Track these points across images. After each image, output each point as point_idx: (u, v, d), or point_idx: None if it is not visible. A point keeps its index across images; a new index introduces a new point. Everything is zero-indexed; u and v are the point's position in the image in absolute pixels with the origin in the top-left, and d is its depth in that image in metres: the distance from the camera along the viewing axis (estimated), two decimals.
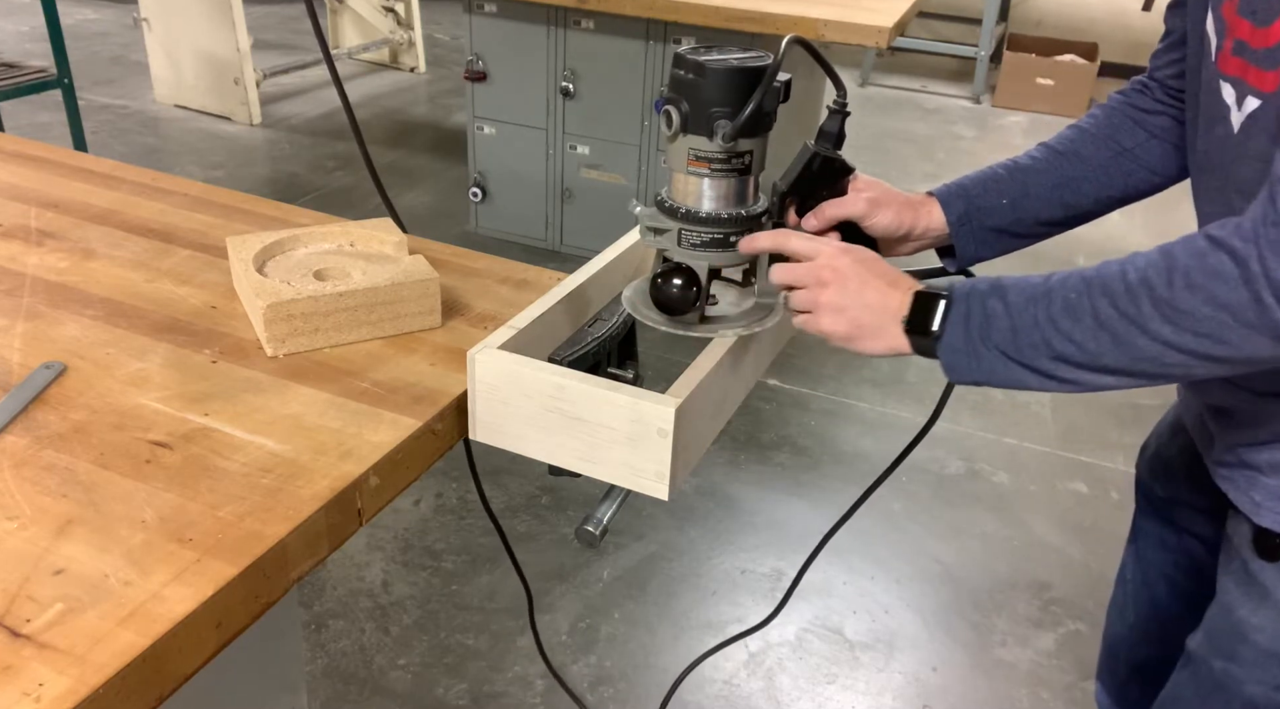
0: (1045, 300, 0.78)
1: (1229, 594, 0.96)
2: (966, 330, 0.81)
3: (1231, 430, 0.95)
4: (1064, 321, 0.77)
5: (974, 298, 0.82)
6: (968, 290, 0.83)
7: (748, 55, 0.88)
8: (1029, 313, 0.79)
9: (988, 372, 0.82)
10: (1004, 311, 0.80)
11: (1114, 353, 0.76)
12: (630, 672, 1.99)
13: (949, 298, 0.83)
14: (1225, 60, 0.84)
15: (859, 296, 0.86)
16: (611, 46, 3.25)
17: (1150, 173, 1.07)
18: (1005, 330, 0.80)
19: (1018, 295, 0.80)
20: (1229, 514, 0.98)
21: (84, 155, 1.45)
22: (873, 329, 0.86)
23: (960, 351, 0.82)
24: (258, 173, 4.28)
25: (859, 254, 0.89)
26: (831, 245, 0.89)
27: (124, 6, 6.22)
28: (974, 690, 2.00)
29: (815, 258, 0.88)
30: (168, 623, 0.67)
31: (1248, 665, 0.93)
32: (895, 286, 0.86)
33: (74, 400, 0.90)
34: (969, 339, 0.81)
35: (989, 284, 0.82)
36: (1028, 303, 0.79)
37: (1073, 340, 0.77)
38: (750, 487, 2.53)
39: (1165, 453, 1.19)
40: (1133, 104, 1.08)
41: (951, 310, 0.82)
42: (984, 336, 0.81)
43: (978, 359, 0.81)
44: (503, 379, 0.90)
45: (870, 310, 0.86)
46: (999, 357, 0.80)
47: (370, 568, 2.21)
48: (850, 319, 0.86)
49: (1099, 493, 2.59)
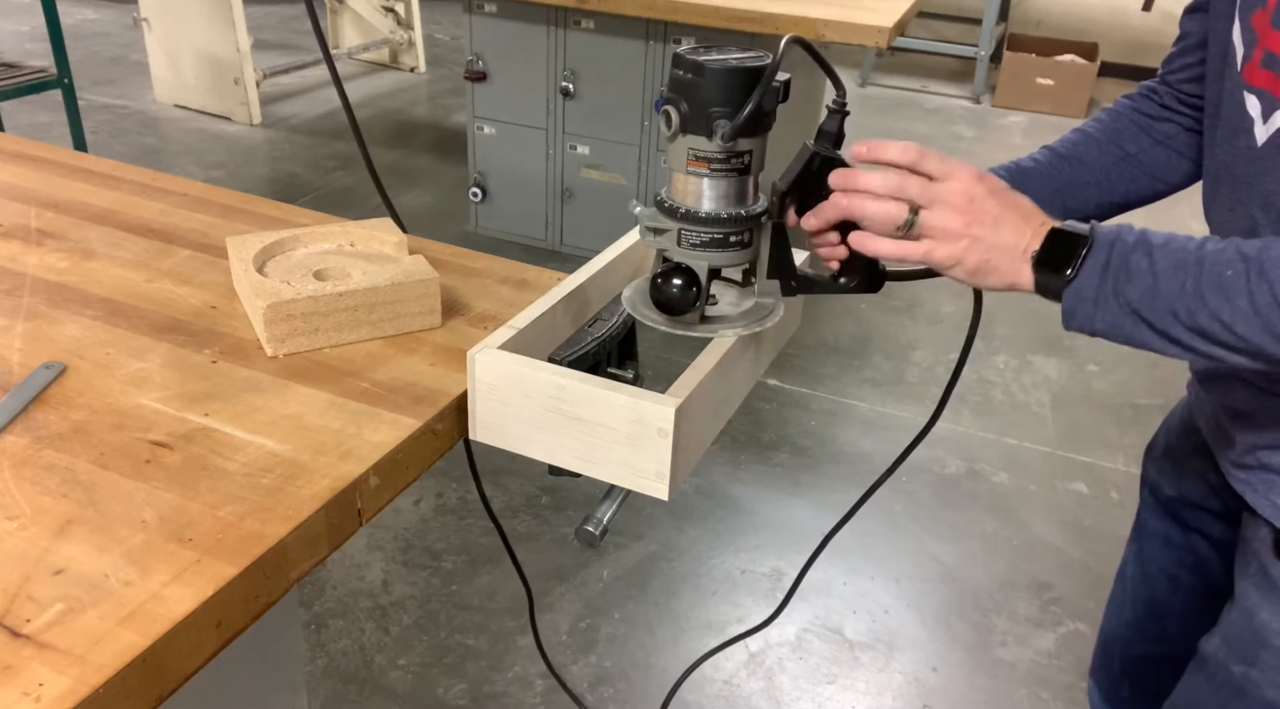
0: (1197, 269, 0.75)
1: (1249, 598, 0.95)
2: (1102, 280, 0.78)
3: (1251, 433, 0.94)
4: (1213, 297, 0.74)
5: (1118, 247, 0.78)
6: (1112, 238, 0.79)
7: (747, 55, 0.88)
8: (1176, 278, 0.75)
9: (1111, 324, 0.79)
10: (1148, 270, 0.76)
11: (1262, 338, 0.74)
12: (630, 672, 1.99)
13: (1090, 241, 0.79)
14: (1253, 71, 0.83)
15: (994, 228, 0.81)
16: (611, 46, 3.25)
17: (1153, 179, 1.06)
18: (1146, 290, 0.76)
19: (1165, 256, 0.76)
20: (1244, 517, 0.97)
21: (84, 155, 1.45)
22: (998, 266, 0.82)
23: (1088, 300, 0.79)
24: (258, 173, 4.28)
25: (992, 181, 0.84)
26: (965, 168, 0.83)
27: (124, 6, 6.22)
28: (974, 690, 2.00)
29: (950, 180, 0.83)
30: (168, 623, 0.67)
31: (1269, 670, 0.92)
32: (1028, 221, 0.82)
33: (74, 400, 0.90)
34: (1101, 289, 0.78)
35: (1135, 236, 0.78)
36: (1176, 268, 0.76)
37: (1219, 318, 0.74)
38: (750, 487, 2.53)
39: (1176, 453, 1.18)
40: (1139, 109, 1.07)
41: (1090, 255, 0.78)
42: (1118, 291, 0.77)
43: (1105, 310, 0.78)
44: (503, 379, 0.90)
45: (1001, 248, 0.81)
46: (1130, 314, 0.77)
47: (370, 568, 2.21)
48: (980, 255, 0.82)
49: (1099, 493, 2.59)
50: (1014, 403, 2.95)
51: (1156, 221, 0.80)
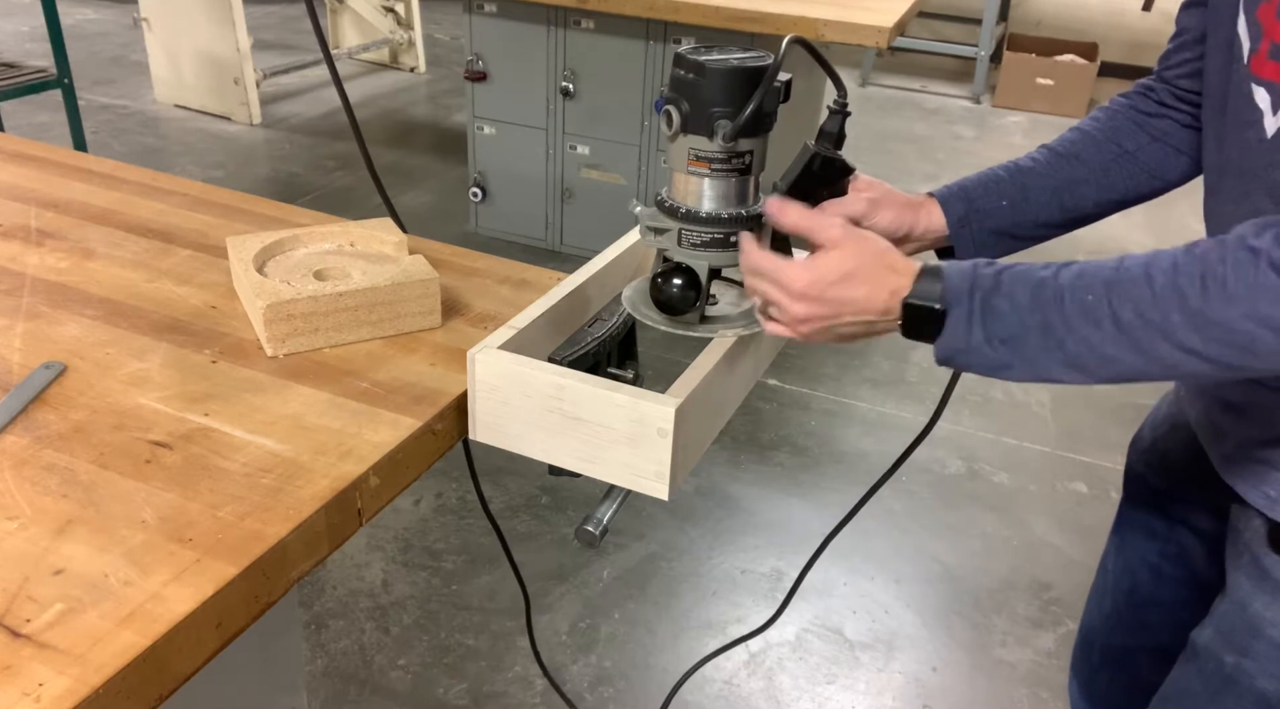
0: (1057, 302, 0.76)
1: (1241, 589, 0.95)
2: (969, 332, 0.79)
3: (1244, 426, 0.95)
4: (1080, 325, 0.75)
5: (978, 296, 0.79)
6: (969, 285, 0.80)
7: (748, 55, 0.88)
8: (1038, 315, 0.77)
9: (987, 366, 0.80)
10: (1010, 310, 0.78)
11: (1132, 358, 0.75)
12: (630, 672, 1.99)
13: (945, 305, 0.80)
14: (1261, 64, 0.83)
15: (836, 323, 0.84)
16: (611, 46, 3.25)
17: (1151, 176, 1.06)
18: (1014, 329, 0.77)
19: (1024, 293, 0.77)
20: (1235, 509, 0.97)
21: (84, 155, 1.45)
22: (859, 336, 0.85)
23: (960, 350, 0.80)
24: (258, 173, 4.28)
25: (822, 274, 0.83)
26: (794, 274, 0.84)
27: (124, 6, 6.22)
28: (974, 690, 2.00)
29: (781, 289, 0.85)
30: (168, 623, 0.67)
31: (1261, 660, 0.93)
32: (875, 294, 0.82)
33: (74, 400, 0.90)
34: (970, 340, 0.80)
35: (990, 279, 0.79)
36: (1036, 304, 0.77)
37: (1089, 344, 0.75)
38: (750, 487, 2.53)
39: (1163, 445, 1.18)
40: (1136, 107, 1.07)
41: (951, 313, 0.80)
42: (988, 337, 0.79)
43: (979, 356, 0.80)
44: (503, 379, 0.90)
45: (857, 325, 0.84)
46: (1003, 353, 0.79)
47: (370, 568, 2.21)
48: (835, 336, 0.85)
49: (1099, 493, 2.59)
50: (1014, 403, 2.96)
51: (1157, 221, 0.80)
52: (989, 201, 1.04)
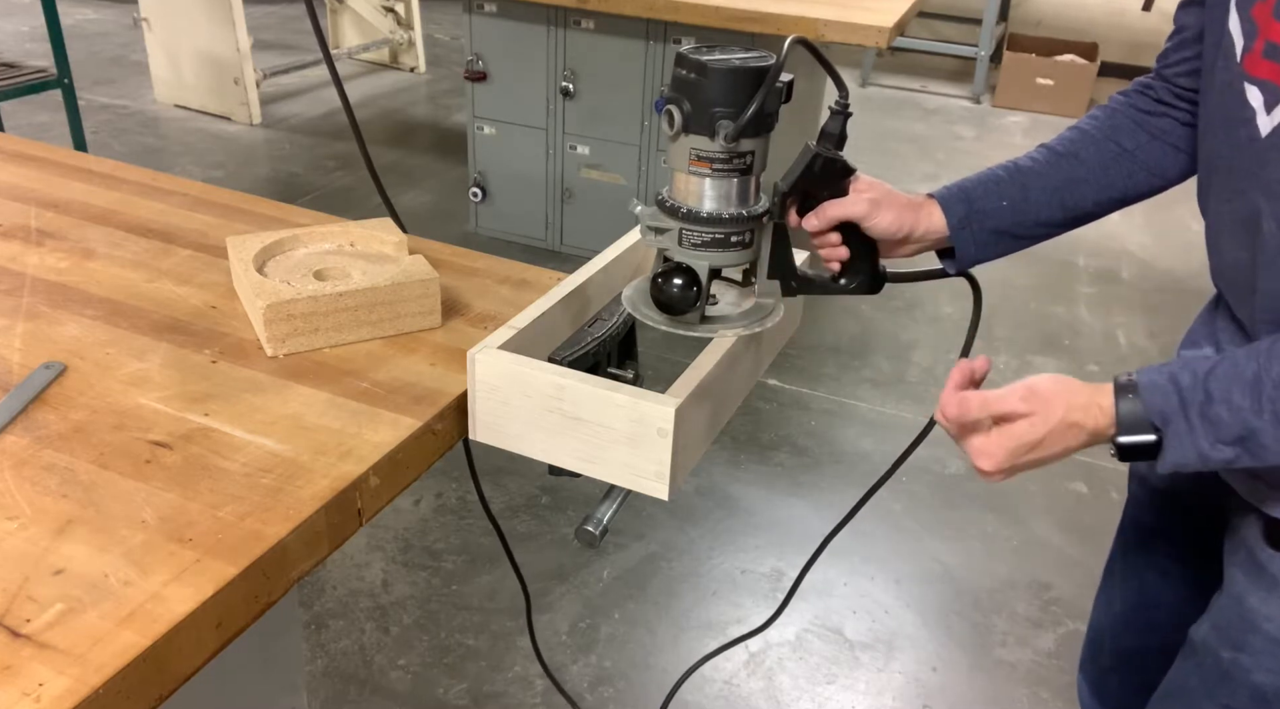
0: (1255, 391, 0.78)
1: (1237, 584, 0.96)
2: (1194, 444, 0.81)
3: None
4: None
5: (1190, 412, 0.81)
6: (1177, 405, 0.81)
7: (750, 55, 0.88)
8: (1267, 413, 0.78)
9: (1225, 463, 0.82)
10: (1231, 416, 0.79)
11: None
12: (630, 672, 1.99)
13: (1159, 432, 0.82)
14: (1254, 63, 0.84)
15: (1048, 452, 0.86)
16: (611, 46, 3.25)
17: (1150, 174, 1.06)
18: (1241, 432, 0.79)
19: (1242, 396, 0.79)
20: (1233, 505, 0.98)
21: (84, 155, 1.45)
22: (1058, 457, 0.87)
23: (1190, 461, 0.82)
24: (258, 173, 4.28)
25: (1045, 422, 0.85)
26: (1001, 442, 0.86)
27: (124, 6, 6.22)
28: (974, 690, 2.00)
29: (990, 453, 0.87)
30: (168, 623, 0.67)
31: (1257, 654, 0.94)
32: (1075, 441, 0.85)
33: (74, 400, 0.90)
34: (1197, 450, 0.81)
35: (1200, 392, 0.80)
36: (1258, 403, 0.78)
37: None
38: (750, 487, 2.53)
39: None
40: (1134, 105, 1.07)
41: (1167, 435, 0.81)
42: (1215, 443, 0.80)
43: (1212, 462, 0.82)
44: (503, 379, 0.90)
45: (1065, 452, 0.86)
46: (1236, 451, 0.80)
47: (370, 568, 2.21)
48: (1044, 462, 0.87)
49: (1099, 493, 2.59)
50: None
51: (1157, 221, 0.80)
52: (989, 202, 1.04)
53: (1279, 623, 0.92)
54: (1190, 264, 3.77)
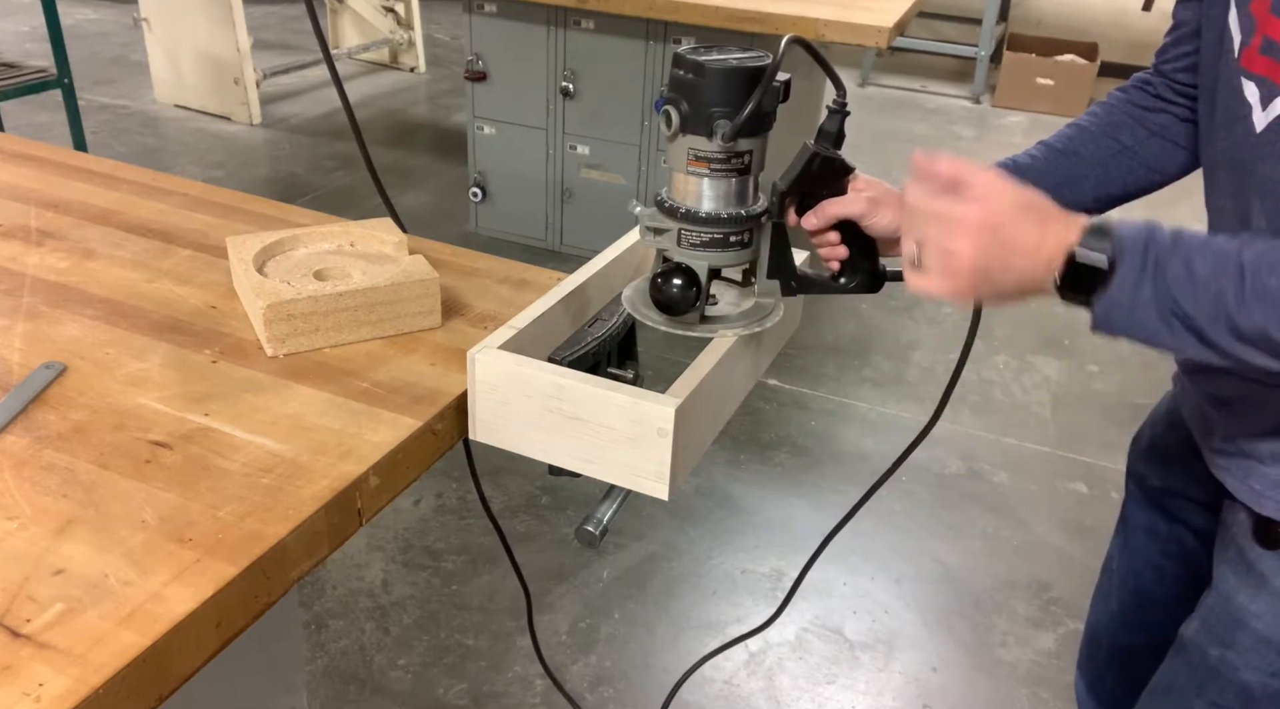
0: (1238, 277, 0.72)
1: (1226, 582, 0.96)
2: (1137, 288, 0.74)
3: (1233, 420, 0.95)
4: (1257, 307, 0.71)
5: (1151, 253, 0.74)
6: (1143, 242, 0.74)
7: (747, 55, 0.88)
8: (1214, 286, 0.72)
9: (1146, 331, 0.75)
10: (1186, 277, 0.73)
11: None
12: (630, 672, 1.99)
13: (1115, 255, 0.74)
14: (1251, 58, 0.83)
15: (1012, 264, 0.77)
16: (611, 46, 3.25)
17: (1150, 170, 1.06)
18: (1184, 297, 0.73)
19: (1203, 263, 0.73)
20: (1225, 503, 0.98)
21: (84, 155, 1.45)
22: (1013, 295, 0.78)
23: (1122, 306, 0.75)
24: (258, 173, 4.28)
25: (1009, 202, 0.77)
26: (996, 193, 0.78)
27: (124, 6, 6.22)
28: (974, 690, 2.00)
29: (969, 204, 0.78)
30: (168, 623, 0.67)
31: (1245, 652, 0.94)
32: (1047, 237, 0.76)
33: (74, 400, 0.90)
34: (1137, 296, 0.74)
35: (1168, 239, 0.74)
36: (1215, 276, 0.72)
37: (1261, 328, 0.71)
38: (750, 487, 2.53)
39: (1161, 442, 1.19)
40: (1133, 101, 1.07)
41: (1121, 263, 0.74)
42: (1156, 296, 0.74)
43: (1139, 316, 0.75)
44: (503, 379, 0.90)
45: (1015, 279, 0.77)
46: (1164, 320, 0.74)
47: (370, 568, 2.21)
48: (989, 292, 0.78)
49: (1099, 493, 2.59)
50: (1014, 403, 2.95)
51: (1158, 218, 0.79)
52: None
53: (1267, 621, 0.92)
54: None
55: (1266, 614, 0.92)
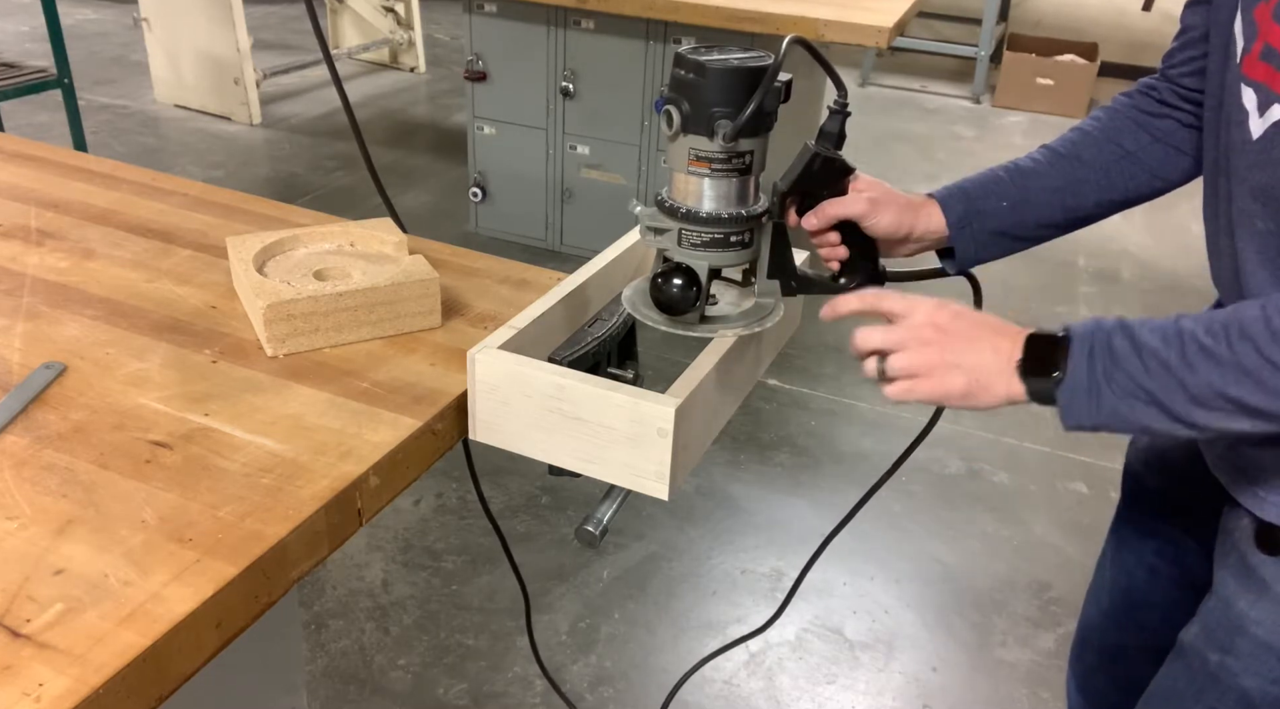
0: (1178, 342, 0.76)
1: (1227, 587, 0.96)
2: (1090, 369, 0.79)
3: None
4: (1202, 365, 0.75)
5: (1098, 335, 0.79)
6: (1091, 328, 0.80)
7: (748, 55, 0.88)
8: (1160, 354, 0.77)
9: (1109, 413, 0.79)
10: (1132, 350, 0.78)
11: (1256, 397, 0.75)
12: (630, 672, 1.99)
13: (1068, 336, 0.80)
14: (1251, 64, 0.83)
15: (970, 351, 0.83)
16: (611, 46, 3.25)
17: (1152, 176, 1.06)
18: (1135, 370, 0.77)
19: (1147, 335, 0.78)
20: (1225, 508, 0.98)
21: (84, 155, 1.45)
22: (988, 382, 0.84)
23: (1081, 390, 0.79)
24: (258, 173, 4.28)
25: (955, 307, 0.86)
26: (926, 301, 0.85)
27: (124, 6, 6.22)
28: (974, 690, 2.00)
29: (912, 316, 0.85)
30: (168, 623, 0.67)
31: (1245, 658, 0.94)
32: (1003, 334, 0.84)
33: (74, 400, 0.90)
34: (1092, 378, 0.79)
35: (1112, 323, 0.80)
36: (1158, 344, 0.77)
37: (1211, 385, 0.75)
38: (750, 487, 2.53)
39: (1160, 445, 1.19)
40: (1137, 106, 1.07)
41: (1073, 347, 0.80)
42: (1109, 377, 0.78)
43: (1100, 400, 0.79)
44: (503, 379, 0.90)
45: (984, 363, 0.83)
46: (1125, 398, 0.78)
47: (370, 568, 2.21)
48: (966, 377, 0.84)
49: (1099, 493, 2.59)
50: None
51: (1158, 223, 0.80)
52: (989, 202, 1.04)
53: (1267, 627, 0.92)
54: (1190, 264, 3.77)
55: (1267, 620, 0.92)
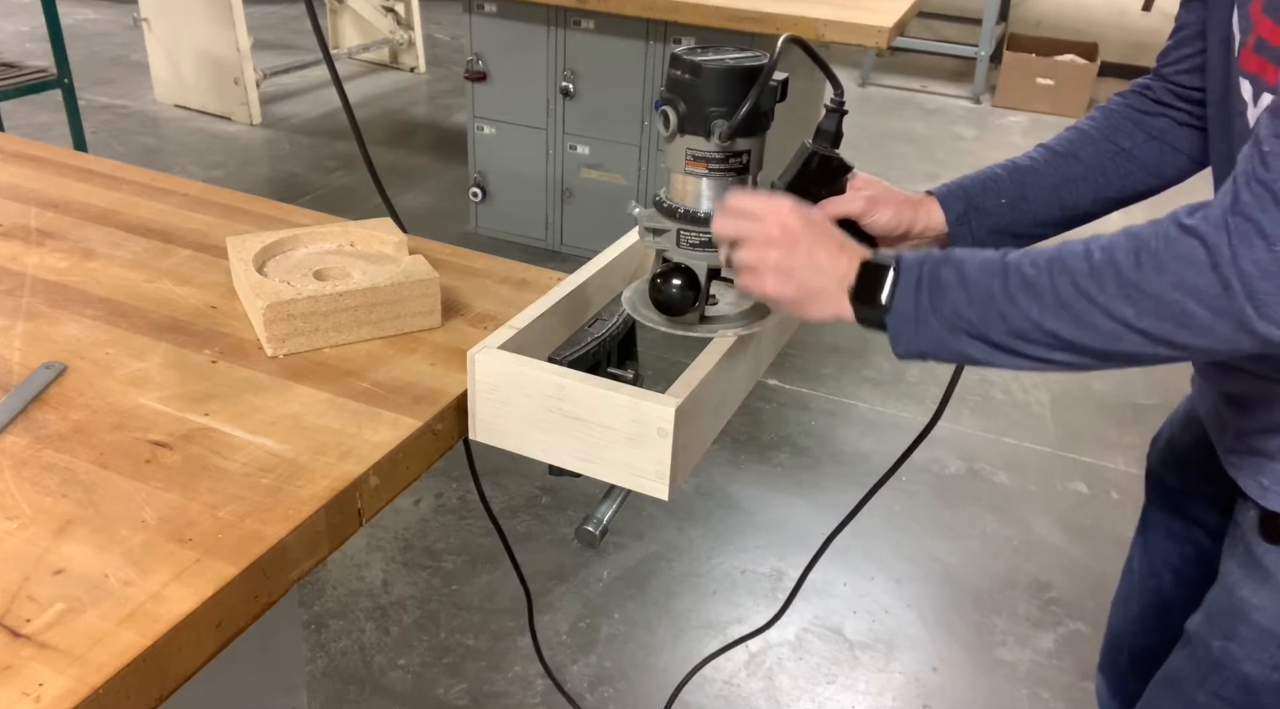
0: (1002, 274, 0.77)
1: (1232, 575, 0.97)
2: (916, 298, 0.80)
3: (1245, 417, 0.96)
4: (1022, 297, 0.76)
5: (926, 266, 0.80)
6: (920, 259, 0.81)
7: (744, 55, 0.89)
8: (983, 285, 0.78)
9: (934, 342, 0.80)
10: (958, 282, 0.79)
11: (1072, 331, 0.75)
12: (630, 672, 1.99)
13: (897, 267, 0.81)
14: (1246, 57, 0.84)
15: (808, 259, 0.83)
16: (611, 46, 3.25)
17: (1148, 174, 1.07)
18: (959, 301, 0.78)
19: (973, 267, 0.79)
20: (1237, 501, 0.99)
21: (84, 155, 1.45)
22: (818, 294, 0.84)
23: (908, 319, 0.80)
24: (258, 173, 4.28)
25: (809, 214, 0.86)
26: (782, 203, 0.86)
27: (124, 6, 6.22)
28: (974, 690, 2.00)
29: (764, 216, 0.85)
30: (168, 623, 0.67)
31: (1247, 644, 0.95)
32: (843, 252, 0.84)
33: (74, 400, 0.90)
34: (918, 308, 0.80)
35: (941, 254, 0.81)
36: (983, 275, 0.78)
37: (1029, 317, 0.76)
38: (750, 487, 2.53)
39: (1178, 443, 1.20)
40: (1132, 106, 1.08)
41: (900, 278, 0.80)
42: (934, 306, 0.79)
43: (925, 329, 0.80)
44: (503, 379, 0.90)
45: (818, 274, 0.83)
46: (948, 328, 0.79)
47: (370, 568, 2.22)
48: (797, 283, 0.84)
49: (1099, 493, 2.59)
50: (1014, 403, 2.96)
51: (1157, 217, 0.80)
52: (988, 200, 1.05)
53: (1269, 614, 0.93)
54: None
55: (1269, 607, 0.93)
